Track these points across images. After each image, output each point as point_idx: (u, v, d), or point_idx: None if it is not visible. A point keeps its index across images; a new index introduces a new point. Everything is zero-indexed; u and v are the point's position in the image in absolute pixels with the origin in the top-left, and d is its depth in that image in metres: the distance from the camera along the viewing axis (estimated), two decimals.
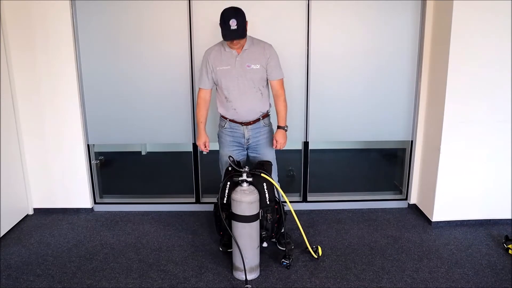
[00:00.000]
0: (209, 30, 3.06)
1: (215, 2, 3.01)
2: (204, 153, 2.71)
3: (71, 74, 3.08)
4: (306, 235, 2.67)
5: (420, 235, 2.97)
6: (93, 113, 3.22)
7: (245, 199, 2.33)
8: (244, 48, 2.49)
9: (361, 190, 3.56)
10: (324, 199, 3.43)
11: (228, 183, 2.48)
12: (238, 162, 2.55)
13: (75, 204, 3.35)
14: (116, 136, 3.28)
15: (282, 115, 2.62)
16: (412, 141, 3.34)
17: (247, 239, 2.39)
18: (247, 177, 2.36)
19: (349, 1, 3.04)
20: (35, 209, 3.36)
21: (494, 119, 2.91)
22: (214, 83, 2.59)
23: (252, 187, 2.38)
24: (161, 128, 3.26)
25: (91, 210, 3.39)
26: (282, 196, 2.53)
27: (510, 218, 3.12)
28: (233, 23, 2.32)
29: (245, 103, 2.55)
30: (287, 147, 3.49)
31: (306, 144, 3.32)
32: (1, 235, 2.95)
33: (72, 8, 2.99)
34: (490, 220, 3.13)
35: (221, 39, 2.41)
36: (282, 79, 2.60)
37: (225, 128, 2.63)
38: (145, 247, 2.82)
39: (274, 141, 2.62)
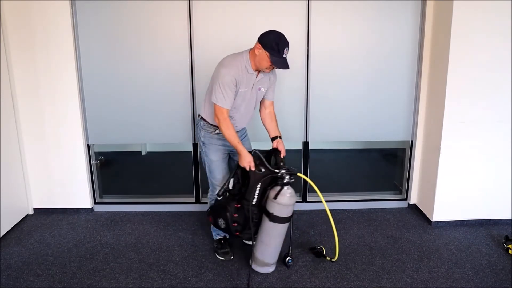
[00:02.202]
0: (209, 30, 3.06)
1: (215, 2, 3.02)
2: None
3: (71, 74, 3.08)
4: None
5: (420, 235, 2.97)
6: (93, 113, 3.22)
7: (292, 202, 2.34)
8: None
9: (361, 190, 3.56)
10: (324, 199, 3.42)
11: (259, 184, 2.38)
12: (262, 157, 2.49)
13: (75, 204, 3.35)
14: (116, 136, 3.28)
15: (277, 126, 2.67)
16: (412, 141, 3.34)
17: (280, 238, 2.43)
18: (290, 179, 2.32)
19: (349, 1, 3.04)
20: (35, 209, 3.36)
21: (494, 119, 2.91)
22: None
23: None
24: (161, 128, 3.26)
25: (91, 210, 3.39)
26: (318, 195, 2.50)
27: (510, 218, 3.12)
28: (286, 52, 2.30)
29: (246, 119, 2.60)
30: (287, 147, 3.50)
31: (306, 144, 3.32)
32: (1, 235, 2.95)
33: (72, 8, 2.99)
34: (490, 220, 3.13)
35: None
36: None
37: (216, 134, 2.52)
38: (145, 247, 2.82)
39: (282, 151, 2.60)
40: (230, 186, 2.48)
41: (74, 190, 3.33)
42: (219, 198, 2.50)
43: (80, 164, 3.27)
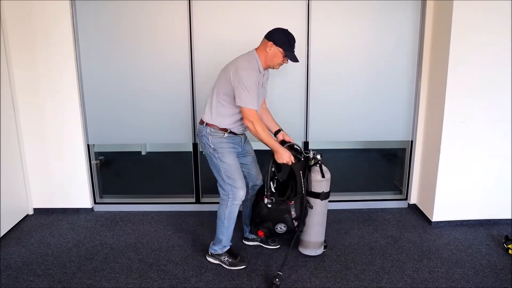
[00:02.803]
0: (209, 30, 3.06)
1: (215, 2, 3.02)
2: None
3: (71, 74, 3.08)
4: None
5: (420, 235, 2.97)
6: (93, 113, 3.22)
7: (328, 176, 2.54)
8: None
9: (361, 190, 3.56)
10: None
11: (301, 172, 2.50)
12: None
13: (75, 204, 3.35)
14: (116, 136, 3.28)
15: (274, 119, 2.73)
16: (412, 141, 3.35)
17: (325, 216, 2.64)
18: (320, 156, 2.55)
19: (349, 1, 3.04)
20: (35, 209, 3.36)
21: (494, 119, 2.91)
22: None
23: None
24: (161, 128, 3.26)
25: (91, 210, 3.39)
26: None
27: (510, 218, 3.12)
28: (295, 46, 2.42)
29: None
30: None
31: (306, 144, 3.32)
32: (1, 235, 2.95)
33: (72, 8, 2.99)
34: (490, 220, 3.13)
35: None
36: None
37: (226, 137, 2.48)
38: (145, 247, 2.82)
39: (291, 140, 2.67)
40: (273, 189, 2.50)
41: (74, 190, 3.33)
42: (269, 206, 2.48)
43: (80, 164, 3.27)
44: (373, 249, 2.78)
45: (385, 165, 3.84)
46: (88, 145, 3.28)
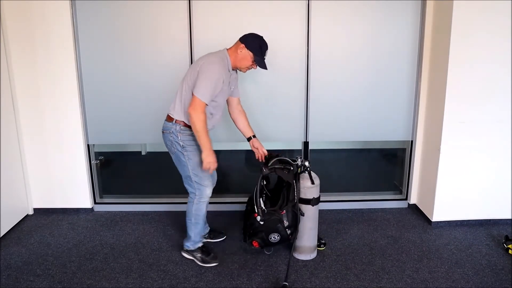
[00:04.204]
0: (209, 30, 3.06)
1: (215, 2, 3.01)
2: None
3: (71, 74, 3.08)
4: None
5: (420, 235, 2.97)
6: (93, 113, 3.22)
7: (317, 182, 2.59)
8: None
9: (361, 190, 3.57)
10: (324, 199, 3.40)
11: (294, 181, 2.53)
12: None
13: (75, 204, 3.35)
14: (116, 136, 3.28)
15: (249, 124, 2.74)
16: (412, 141, 3.34)
17: (316, 220, 2.66)
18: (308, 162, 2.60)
19: (349, 1, 3.04)
20: (35, 209, 3.36)
21: (494, 119, 2.91)
22: None
23: None
24: (161, 128, 3.25)
25: (91, 210, 3.39)
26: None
27: (510, 218, 3.12)
28: (267, 53, 2.49)
29: (220, 114, 2.60)
30: (287, 147, 3.50)
31: (306, 144, 3.32)
32: (1, 235, 2.95)
33: (72, 8, 2.99)
34: (490, 220, 3.13)
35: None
36: None
37: (191, 135, 2.46)
38: (145, 247, 2.82)
39: (262, 152, 2.71)
40: (263, 205, 2.52)
41: (74, 190, 3.33)
42: (261, 223, 2.48)
43: (80, 164, 3.27)
44: (373, 249, 2.78)
45: (385, 165, 3.83)
46: (88, 145, 3.28)
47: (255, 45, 2.41)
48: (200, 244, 2.65)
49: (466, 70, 2.80)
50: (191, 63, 3.11)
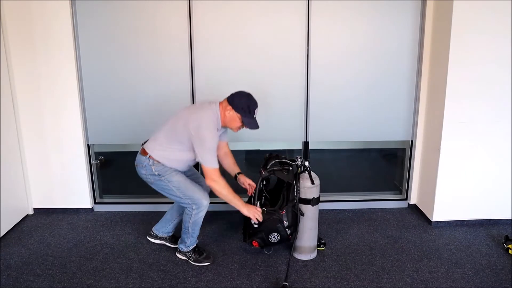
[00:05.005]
0: (209, 30, 3.06)
1: (215, 2, 3.01)
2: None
3: (71, 74, 3.08)
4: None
5: (420, 235, 2.97)
6: (93, 113, 3.22)
7: (317, 182, 2.58)
8: None
9: (361, 190, 3.57)
10: (324, 199, 3.41)
11: (294, 180, 2.53)
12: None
13: (75, 204, 3.35)
14: (116, 136, 3.28)
15: (234, 162, 2.76)
16: (412, 141, 3.34)
17: (316, 220, 2.65)
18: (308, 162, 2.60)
19: (349, 1, 3.04)
20: (35, 209, 3.36)
21: (494, 119, 2.91)
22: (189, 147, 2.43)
23: None
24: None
25: (91, 210, 3.39)
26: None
27: (510, 218, 3.12)
28: (256, 112, 2.43)
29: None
30: (287, 147, 3.50)
31: (306, 144, 3.32)
32: (1, 235, 2.95)
33: (72, 8, 2.99)
34: (490, 220, 3.13)
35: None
36: None
37: (164, 166, 2.45)
38: (145, 247, 2.82)
39: (249, 184, 2.70)
40: (258, 206, 2.53)
41: (74, 190, 3.33)
42: (255, 226, 2.49)
43: (80, 164, 3.27)
44: (373, 249, 2.78)
45: (385, 165, 3.83)
46: (88, 145, 3.28)
47: (242, 105, 2.36)
48: (192, 246, 2.64)
49: (466, 70, 2.80)
50: (191, 63, 3.11)
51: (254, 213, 2.45)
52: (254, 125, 2.43)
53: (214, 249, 2.77)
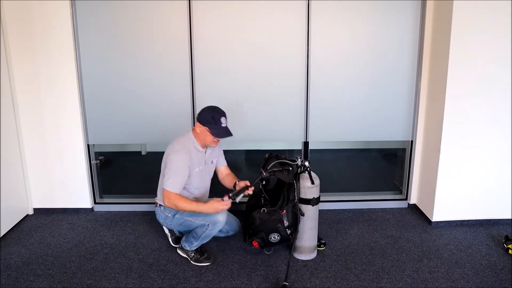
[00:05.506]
0: (209, 30, 3.06)
1: (215, 2, 3.02)
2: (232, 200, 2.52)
3: (71, 74, 3.08)
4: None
5: (420, 235, 2.97)
6: (93, 113, 3.22)
7: (317, 182, 2.58)
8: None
9: (361, 190, 3.57)
10: (324, 199, 3.41)
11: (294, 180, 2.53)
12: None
13: (75, 204, 3.35)
14: (116, 136, 3.28)
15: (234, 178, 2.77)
16: (412, 141, 3.34)
17: (316, 220, 2.65)
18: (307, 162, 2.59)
19: (349, 1, 3.04)
20: (35, 209, 3.36)
21: (494, 119, 2.91)
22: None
23: None
24: (161, 128, 3.26)
25: (91, 210, 3.39)
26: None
27: (510, 218, 3.12)
28: (224, 121, 2.48)
29: (205, 192, 2.73)
30: (287, 147, 3.50)
31: (306, 144, 3.32)
32: (1, 235, 2.95)
33: (72, 8, 2.99)
34: (490, 220, 3.13)
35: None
36: None
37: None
38: (145, 247, 2.82)
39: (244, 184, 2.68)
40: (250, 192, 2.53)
41: (74, 190, 3.33)
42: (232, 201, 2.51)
43: (80, 164, 3.27)
44: (373, 249, 2.78)
45: (385, 165, 3.84)
46: (88, 145, 3.28)
47: (207, 118, 2.44)
48: (195, 247, 2.63)
49: (466, 70, 2.80)
50: (191, 63, 3.11)
51: (223, 206, 2.43)
52: (223, 133, 2.47)
53: (214, 249, 2.77)
